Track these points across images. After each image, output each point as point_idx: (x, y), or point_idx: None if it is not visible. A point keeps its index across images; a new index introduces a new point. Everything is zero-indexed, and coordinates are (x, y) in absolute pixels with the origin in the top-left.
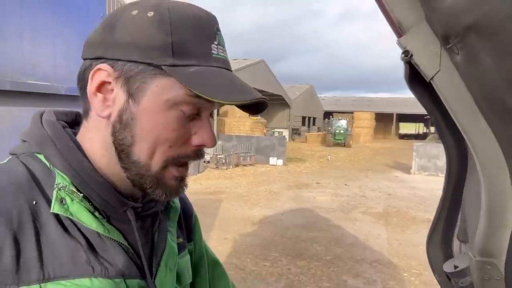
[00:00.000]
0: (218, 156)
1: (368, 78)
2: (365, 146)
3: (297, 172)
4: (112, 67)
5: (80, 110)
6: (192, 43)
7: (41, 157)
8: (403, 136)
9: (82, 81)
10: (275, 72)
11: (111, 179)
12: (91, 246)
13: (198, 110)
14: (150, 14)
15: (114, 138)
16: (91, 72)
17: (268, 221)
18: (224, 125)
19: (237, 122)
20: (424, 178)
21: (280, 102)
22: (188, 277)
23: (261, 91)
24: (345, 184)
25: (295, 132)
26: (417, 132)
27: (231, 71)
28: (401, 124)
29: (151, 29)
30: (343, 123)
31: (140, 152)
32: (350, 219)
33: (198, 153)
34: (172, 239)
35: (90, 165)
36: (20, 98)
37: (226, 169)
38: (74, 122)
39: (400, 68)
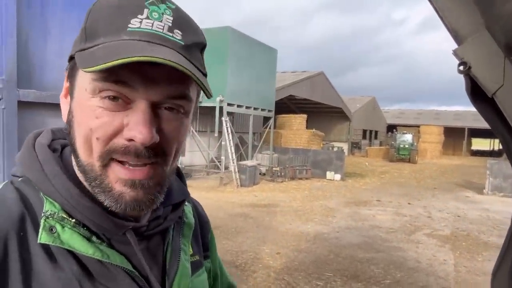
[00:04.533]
0: (274, 168)
1: (444, 90)
2: (432, 162)
3: (355, 188)
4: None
5: None
6: (102, 22)
7: None
8: (476, 153)
9: None
10: (344, 83)
11: None
12: (89, 275)
13: (123, 96)
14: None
15: (70, 143)
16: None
17: (322, 238)
18: (280, 138)
19: (294, 134)
20: (498, 199)
21: (340, 115)
22: None
23: (319, 104)
24: (409, 203)
25: (355, 146)
26: (491, 149)
27: (166, 45)
28: (474, 140)
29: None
30: (408, 137)
31: (80, 149)
32: (412, 241)
33: (128, 149)
34: (186, 258)
35: (77, 190)
36: (57, 110)
37: (282, 182)
38: None
39: None
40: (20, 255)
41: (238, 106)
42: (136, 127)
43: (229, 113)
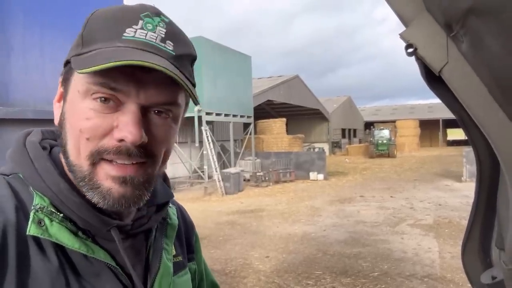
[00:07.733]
0: (257, 174)
1: (420, 85)
2: (411, 155)
3: (339, 186)
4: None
5: None
6: (99, 30)
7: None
8: (452, 143)
9: None
10: (324, 84)
11: None
12: (74, 269)
13: (115, 97)
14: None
15: (61, 145)
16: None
17: (310, 238)
18: (262, 143)
19: (275, 138)
20: None
21: (318, 116)
22: None
23: (297, 107)
24: (391, 196)
25: (335, 145)
26: (466, 137)
27: (158, 54)
28: (449, 130)
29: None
30: (385, 133)
31: (70, 150)
32: (397, 232)
33: (119, 149)
34: (168, 258)
35: (67, 185)
36: (43, 125)
37: (266, 186)
38: None
39: None
40: (16, 246)
41: (217, 114)
42: (125, 128)
43: (208, 122)
